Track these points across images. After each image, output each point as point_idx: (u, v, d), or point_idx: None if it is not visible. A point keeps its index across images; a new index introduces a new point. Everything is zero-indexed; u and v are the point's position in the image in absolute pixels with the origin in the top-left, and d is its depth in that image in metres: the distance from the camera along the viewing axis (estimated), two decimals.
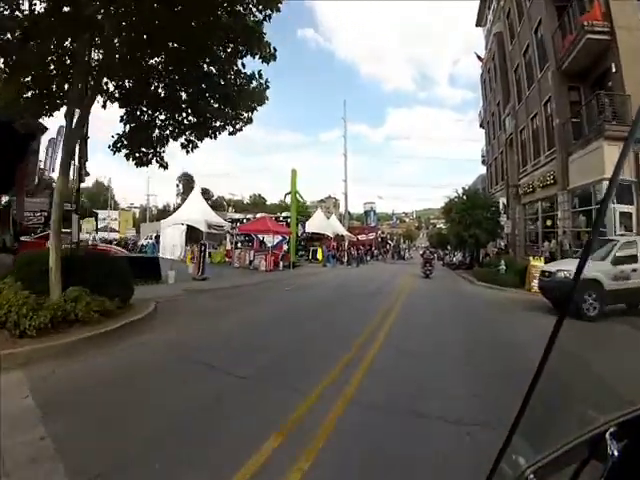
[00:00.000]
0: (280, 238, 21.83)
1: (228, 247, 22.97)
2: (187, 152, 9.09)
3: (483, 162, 33.05)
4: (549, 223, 16.60)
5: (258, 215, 26.23)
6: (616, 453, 0.57)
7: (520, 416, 0.63)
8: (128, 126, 8.79)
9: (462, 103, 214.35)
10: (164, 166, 9.34)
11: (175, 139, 9.04)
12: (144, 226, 43.02)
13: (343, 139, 42.20)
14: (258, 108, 8.62)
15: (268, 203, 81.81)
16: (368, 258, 30.35)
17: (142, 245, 31.86)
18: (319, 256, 25.61)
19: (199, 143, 9.07)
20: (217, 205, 70.06)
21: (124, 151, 8.79)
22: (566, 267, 7.30)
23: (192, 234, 23.31)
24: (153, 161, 9.23)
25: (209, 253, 22.73)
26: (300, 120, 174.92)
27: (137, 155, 8.92)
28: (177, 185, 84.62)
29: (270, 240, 22.02)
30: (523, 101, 20.05)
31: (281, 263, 18.67)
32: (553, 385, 0.76)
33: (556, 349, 0.59)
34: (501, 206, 20.30)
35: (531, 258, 12.47)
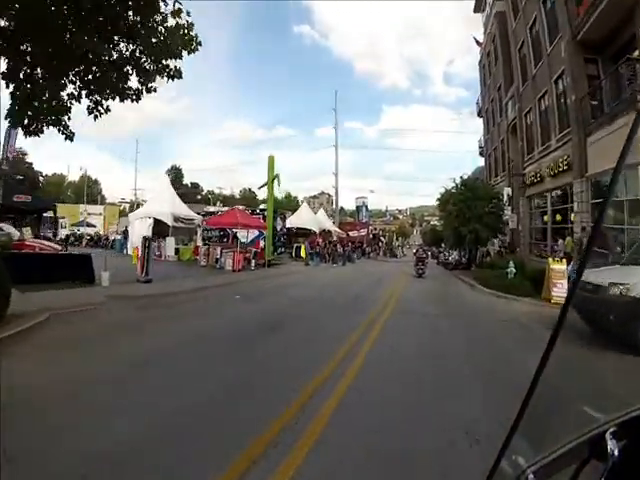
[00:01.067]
0: (257, 233, 19.54)
1: (199, 243, 20.66)
2: (95, 117, 6.81)
3: (481, 153, 30.90)
4: (559, 218, 14.43)
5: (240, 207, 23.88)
6: (616, 453, 0.57)
7: (520, 416, 0.62)
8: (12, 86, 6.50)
9: (456, 101, 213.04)
10: (69, 136, 7.02)
11: (77, 99, 6.75)
12: (122, 220, 40.37)
13: (337, 133, 40.07)
14: (186, 55, 6.35)
15: (260, 198, 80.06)
16: (355, 256, 28.11)
17: (113, 240, 29.51)
18: (302, 253, 23.36)
19: (111, 106, 6.82)
20: (206, 200, 67.86)
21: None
22: (622, 279, 4.80)
23: (160, 228, 21.04)
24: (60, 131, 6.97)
25: (176, 250, 20.57)
26: (296, 116, 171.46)
27: (26, 122, 6.61)
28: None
29: (245, 235, 19.81)
30: (529, 81, 17.80)
31: (253, 262, 16.35)
32: (553, 385, 0.73)
33: (556, 350, 0.58)
34: (505, 198, 18.00)
35: (550, 260, 10.16)
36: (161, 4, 5.40)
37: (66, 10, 5.38)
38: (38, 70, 6.66)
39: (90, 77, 6.54)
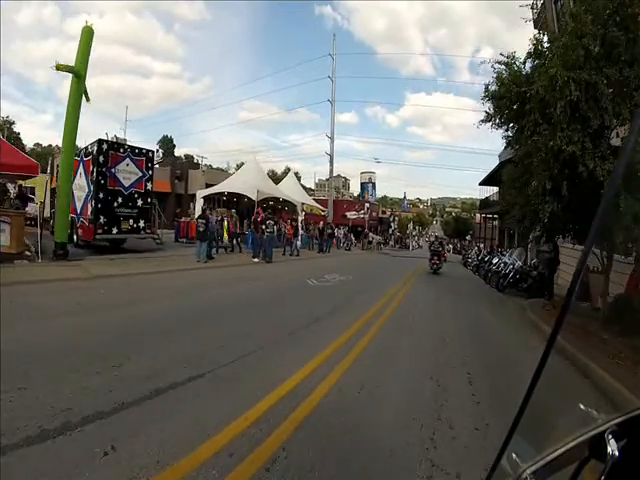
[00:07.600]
0: (87, 190, 9.34)
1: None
2: None
3: None
4: None
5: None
6: (616, 453, 0.57)
7: (520, 416, 0.62)
8: None
9: (482, 91, 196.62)
10: None
11: None
12: None
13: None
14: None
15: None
16: (346, 244, 17.40)
17: None
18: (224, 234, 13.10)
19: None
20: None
21: None
22: None
23: None
24: None
25: None
26: (316, 99, 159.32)
27: None
28: (157, 150, 74.54)
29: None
30: None
31: None
32: (553, 385, 0.72)
33: (556, 349, 0.58)
34: None
35: None
36: None
37: None
38: None
39: None
